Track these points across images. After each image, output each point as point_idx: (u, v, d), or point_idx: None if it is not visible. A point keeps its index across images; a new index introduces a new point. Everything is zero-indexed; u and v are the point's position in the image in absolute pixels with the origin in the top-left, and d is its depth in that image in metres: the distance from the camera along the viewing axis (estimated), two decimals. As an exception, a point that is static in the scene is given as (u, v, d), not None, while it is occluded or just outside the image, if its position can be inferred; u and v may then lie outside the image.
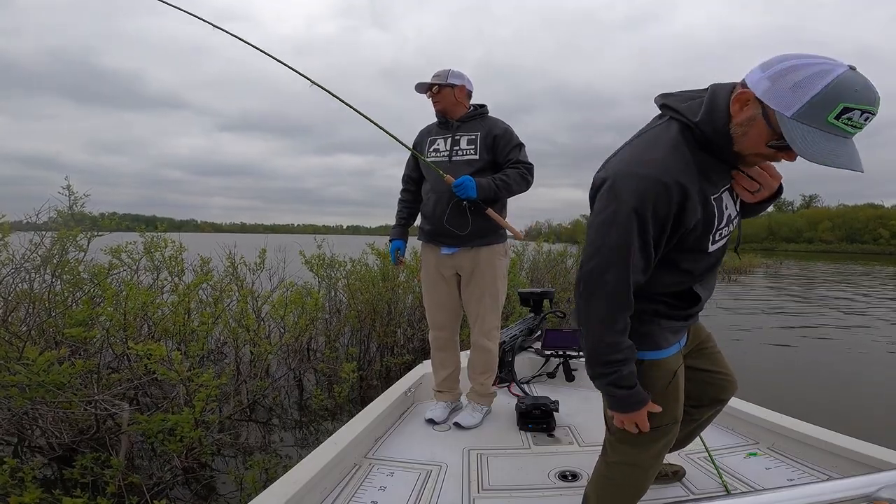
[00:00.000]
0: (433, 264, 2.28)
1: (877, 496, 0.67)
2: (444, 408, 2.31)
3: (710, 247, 1.10)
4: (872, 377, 5.14)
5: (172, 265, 4.76)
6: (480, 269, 2.21)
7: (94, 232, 3.56)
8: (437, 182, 2.17)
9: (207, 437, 2.54)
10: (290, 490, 1.49)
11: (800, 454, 1.89)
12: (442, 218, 2.16)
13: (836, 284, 16.02)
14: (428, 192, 2.24)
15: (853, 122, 0.84)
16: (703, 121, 0.99)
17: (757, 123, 0.93)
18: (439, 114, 2.25)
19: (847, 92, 0.83)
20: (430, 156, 2.24)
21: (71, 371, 2.18)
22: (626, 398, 1.12)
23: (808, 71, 0.85)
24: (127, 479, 2.18)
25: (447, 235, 2.19)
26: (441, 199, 2.17)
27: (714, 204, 1.05)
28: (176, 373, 2.48)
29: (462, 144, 2.20)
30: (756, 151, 0.97)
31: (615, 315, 1.06)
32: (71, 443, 2.46)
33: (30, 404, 2.20)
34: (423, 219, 2.30)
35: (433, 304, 2.33)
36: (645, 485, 1.31)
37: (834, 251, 64.00)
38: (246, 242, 5.61)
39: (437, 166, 2.18)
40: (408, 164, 2.41)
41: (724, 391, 1.45)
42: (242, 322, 4.13)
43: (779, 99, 0.88)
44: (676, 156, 1.00)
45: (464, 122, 2.24)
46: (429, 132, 2.32)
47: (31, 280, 3.29)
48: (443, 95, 2.21)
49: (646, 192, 0.98)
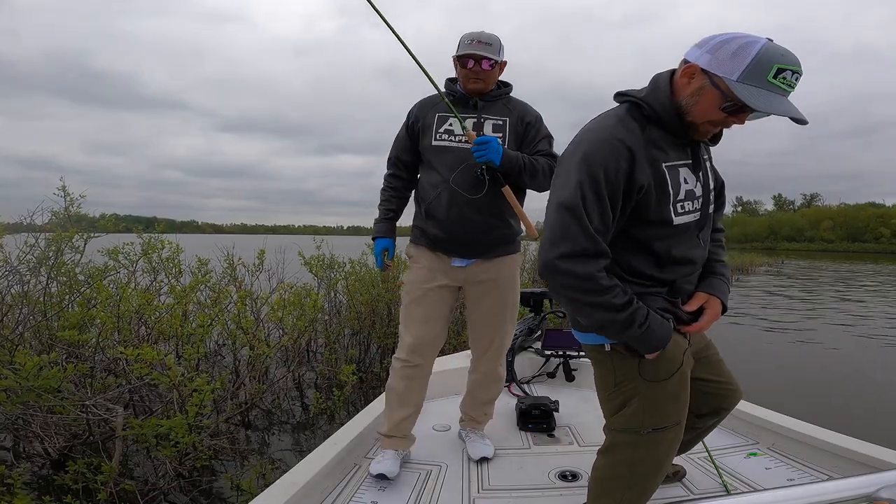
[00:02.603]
0: (434, 272, 1.84)
1: (877, 496, 0.66)
2: (394, 458, 1.78)
3: (675, 218, 1.12)
4: (873, 377, 5.12)
5: (170, 267, 4.74)
6: (502, 283, 1.87)
7: (90, 233, 3.55)
8: (452, 171, 1.74)
9: (202, 443, 2.51)
10: (290, 490, 1.50)
11: (800, 454, 1.88)
12: (462, 223, 1.75)
13: (836, 283, 16.00)
14: (437, 185, 1.77)
15: (787, 81, 0.98)
16: (648, 96, 1.11)
17: (706, 91, 1.04)
18: (469, 93, 1.80)
19: (776, 56, 0.97)
20: (440, 139, 1.79)
21: (62, 375, 2.15)
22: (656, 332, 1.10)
23: (740, 42, 0.99)
24: (120, 486, 2.16)
25: (465, 245, 1.79)
26: (457, 197, 1.73)
27: (666, 171, 1.11)
28: (168, 378, 2.46)
29: (486, 130, 1.78)
30: (708, 118, 1.07)
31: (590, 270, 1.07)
32: (64, 448, 2.44)
33: (21, 409, 2.18)
34: (425, 220, 1.83)
35: (420, 321, 1.83)
36: (650, 485, 1.26)
37: (835, 250, 64.04)
38: (246, 243, 5.60)
39: (451, 154, 1.75)
40: (398, 143, 1.93)
41: (725, 401, 1.42)
42: (241, 324, 4.11)
43: (723, 67, 1.00)
44: (619, 125, 1.11)
45: (488, 103, 1.81)
46: (434, 106, 1.84)
47: (25, 282, 3.27)
48: (491, 75, 1.78)
49: (592, 153, 1.07)
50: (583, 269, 1.06)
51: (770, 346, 6.49)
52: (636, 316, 1.08)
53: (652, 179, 1.08)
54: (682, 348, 1.20)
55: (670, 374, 1.17)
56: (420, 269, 1.87)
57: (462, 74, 1.79)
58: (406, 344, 1.83)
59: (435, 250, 1.84)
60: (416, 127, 1.86)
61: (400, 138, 1.93)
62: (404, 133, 1.91)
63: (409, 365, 1.81)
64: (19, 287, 3.23)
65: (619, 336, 1.12)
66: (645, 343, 1.11)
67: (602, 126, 1.12)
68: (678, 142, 1.13)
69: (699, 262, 1.22)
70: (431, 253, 1.85)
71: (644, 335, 1.09)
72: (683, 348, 1.20)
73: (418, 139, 1.86)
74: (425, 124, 1.83)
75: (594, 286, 1.06)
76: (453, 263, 1.82)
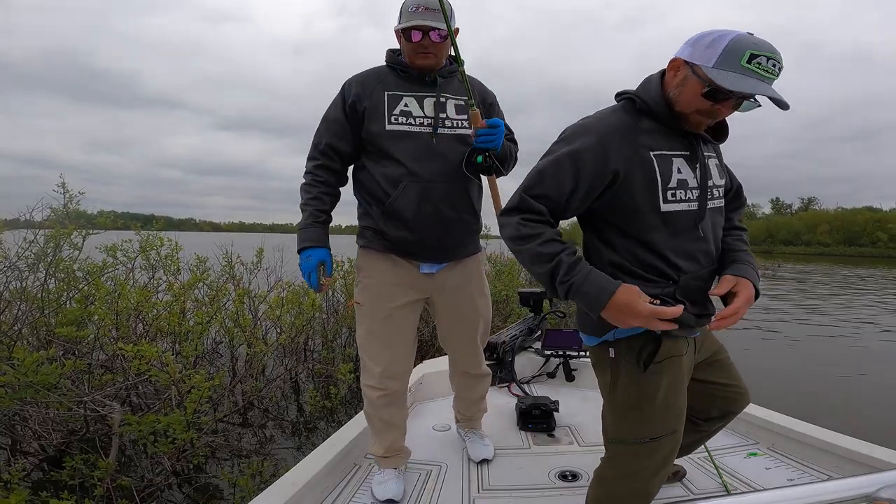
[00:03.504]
0: (399, 286, 1.59)
1: (877, 496, 0.66)
2: (396, 478, 1.68)
3: (663, 205, 1.14)
4: (872, 377, 5.14)
5: (168, 264, 4.74)
6: (472, 284, 1.70)
7: (88, 230, 3.54)
8: (418, 161, 1.49)
9: (200, 440, 2.51)
10: (290, 490, 1.50)
11: (800, 454, 1.89)
12: (436, 221, 1.52)
13: (837, 287, 16.06)
14: (400, 177, 1.49)
15: (763, 66, 1.03)
16: (639, 91, 1.20)
17: (689, 80, 1.11)
18: (417, 69, 1.55)
19: (749, 43, 1.03)
20: (396, 123, 1.51)
21: (59, 371, 2.14)
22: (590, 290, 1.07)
23: (716, 34, 1.07)
24: (116, 482, 2.15)
25: (438, 247, 1.57)
26: (432, 190, 1.49)
27: (654, 158, 1.14)
28: (167, 374, 2.45)
29: (450, 112, 1.55)
30: (695, 107, 1.12)
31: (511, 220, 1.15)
32: (61, 444, 2.43)
33: (18, 405, 2.17)
34: (385, 220, 1.53)
35: (389, 343, 1.60)
36: (646, 499, 1.26)
37: (832, 254, 64.22)
38: (245, 242, 5.59)
39: (412, 140, 1.50)
40: (331, 128, 1.56)
41: (734, 404, 1.41)
42: (238, 322, 4.10)
43: (700, 55, 1.08)
44: (612, 116, 1.18)
45: (445, 80, 1.58)
46: (383, 82, 1.54)
47: (24, 278, 3.26)
48: (442, 47, 1.53)
49: (575, 136, 1.16)
50: (506, 220, 1.17)
51: (770, 345, 6.51)
52: (559, 269, 1.09)
53: (635, 165, 1.13)
54: (679, 353, 1.19)
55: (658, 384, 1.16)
56: (379, 283, 1.59)
57: (408, 49, 1.52)
58: (375, 373, 1.60)
59: (402, 256, 1.58)
60: (357, 108, 1.52)
61: (333, 122, 1.56)
62: (340, 116, 1.55)
63: (385, 393, 1.62)
64: (17, 283, 3.22)
65: (548, 288, 1.14)
66: (580, 301, 1.10)
67: (597, 116, 1.20)
68: (674, 133, 1.18)
69: (703, 259, 1.21)
70: (392, 261, 1.59)
71: (570, 292, 1.09)
72: (680, 354, 1.19)
73: (361, 123, 1.53)
74: (372, 105, 1.51)
75: (511, 232, 1.15)
76: (422, 270, 1.60)
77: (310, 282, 1.52)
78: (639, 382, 1.18)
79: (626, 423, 1.21)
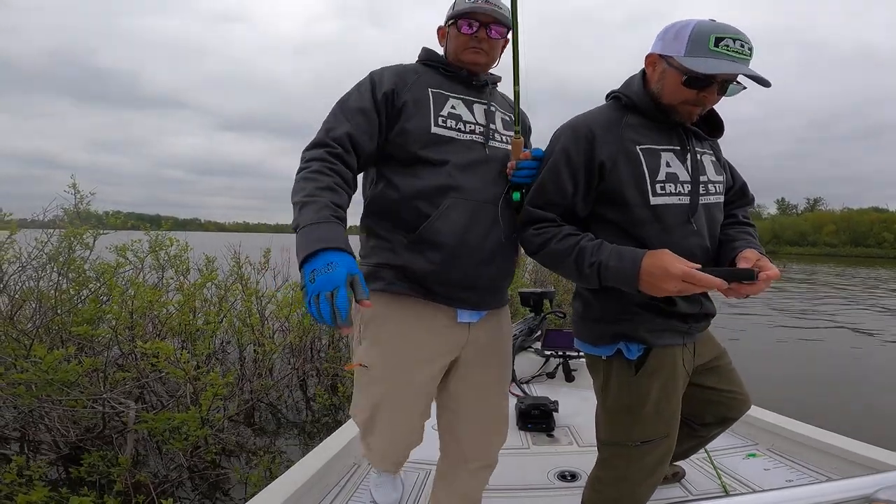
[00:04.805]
0: (429, 342, 1.22)
1: (875, 497, 0.67)
2: (395, 478, 1.66)
3: (652, 198, 1.15)
4: (872, 378, 5.14)
5: (177, 264, 4.79)
6: (505, 340, 1.36)
7: (99, 230, 3.60)
8: (476, 172, 1.20)
9: (213, 436, 2.56)
10: (289, 489, 1.50)
11: (799, 455, 1.90)
12: (486, 253, 1.19)
13: (838, 287, 15.96)
14: (443, 192, 1.16)
15: (732, 48, 1.06)
16: (624, 88, 1.24)
17: (667, 73, 1.14)
18: (472, 66, 1.27)
19: (710, 28, 1.07)
20: (443, 124, 1.21)
21: (78, 369, 2.20)
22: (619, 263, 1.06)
23: (679, 25, 1.12)
24: (134, 478, 2.20)
25: (485, 288, 1.23)
26: (483, 212, 1.19)
27: (641, 152, 1.16)
28: (183, 371, 2.51)
29: (498, 125, 1.29)
30: (680, 98, 1.14)
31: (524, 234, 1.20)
32: (77, 441, 2.49)
33: (37, 402, 2.22)
34: (412, 248, 1.17)
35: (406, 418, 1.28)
36: (640, 498, 1.26)
37: (838, 254, 63.70)
38: (250, 242, 5.63)
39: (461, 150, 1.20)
40: (355, 117, 1.16)
41: (734, 410, 1.40)
42: (247, 321, 4.15)
43: (671, 47, 1.12)
44: (597, 113, 1.22)
45: (495, 89, 1.36)
46: (420, 76, 1.25)
47: (37, 278, 3.32)
48: (497, 47, 1.30)
49: (563, 137, 1.20)
50: (522, 237, 1.22)
51: (769, 345, 6.50)
52: (583, 256, 1.11)
53: (620, 158, 1.15)
54: (671, 358, 1.19)
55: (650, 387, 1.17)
56: (402, 338, 1.21)
57: (457, 43, 1.26)
58: (377, 452, 1.36)
59: (433, 299, 1.19)
60: (395, 101, 1.20)
61: (357, 111, 1.17)
62: (369, 105, 1.18)
63: (388, 470, 1.55)
64: (32, 283, 3.28)
65: (580, 280, 1.16)
66: (612, 279, 1.08)
67: (583, 115, 1.24)
68: (662, 128, 1.20)
69: (700, 254, 1.18)
70: (420, 307, 1.20)
71: (601, 272, 1.08)
72: (678, 359, 1.20)
73: (396, 121, 1.20)
74: (415, 100, 1.20)
75: (530, 246, 1.20)
76: (459, 319, 1.23)
77: (338, 303, 0.86)
78: (630, 385, 1.18)
79: (618, 426, 1.22)
